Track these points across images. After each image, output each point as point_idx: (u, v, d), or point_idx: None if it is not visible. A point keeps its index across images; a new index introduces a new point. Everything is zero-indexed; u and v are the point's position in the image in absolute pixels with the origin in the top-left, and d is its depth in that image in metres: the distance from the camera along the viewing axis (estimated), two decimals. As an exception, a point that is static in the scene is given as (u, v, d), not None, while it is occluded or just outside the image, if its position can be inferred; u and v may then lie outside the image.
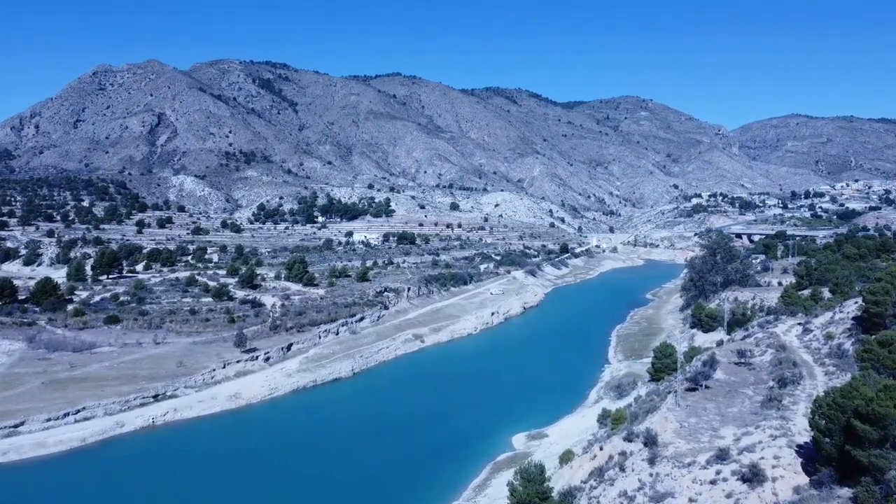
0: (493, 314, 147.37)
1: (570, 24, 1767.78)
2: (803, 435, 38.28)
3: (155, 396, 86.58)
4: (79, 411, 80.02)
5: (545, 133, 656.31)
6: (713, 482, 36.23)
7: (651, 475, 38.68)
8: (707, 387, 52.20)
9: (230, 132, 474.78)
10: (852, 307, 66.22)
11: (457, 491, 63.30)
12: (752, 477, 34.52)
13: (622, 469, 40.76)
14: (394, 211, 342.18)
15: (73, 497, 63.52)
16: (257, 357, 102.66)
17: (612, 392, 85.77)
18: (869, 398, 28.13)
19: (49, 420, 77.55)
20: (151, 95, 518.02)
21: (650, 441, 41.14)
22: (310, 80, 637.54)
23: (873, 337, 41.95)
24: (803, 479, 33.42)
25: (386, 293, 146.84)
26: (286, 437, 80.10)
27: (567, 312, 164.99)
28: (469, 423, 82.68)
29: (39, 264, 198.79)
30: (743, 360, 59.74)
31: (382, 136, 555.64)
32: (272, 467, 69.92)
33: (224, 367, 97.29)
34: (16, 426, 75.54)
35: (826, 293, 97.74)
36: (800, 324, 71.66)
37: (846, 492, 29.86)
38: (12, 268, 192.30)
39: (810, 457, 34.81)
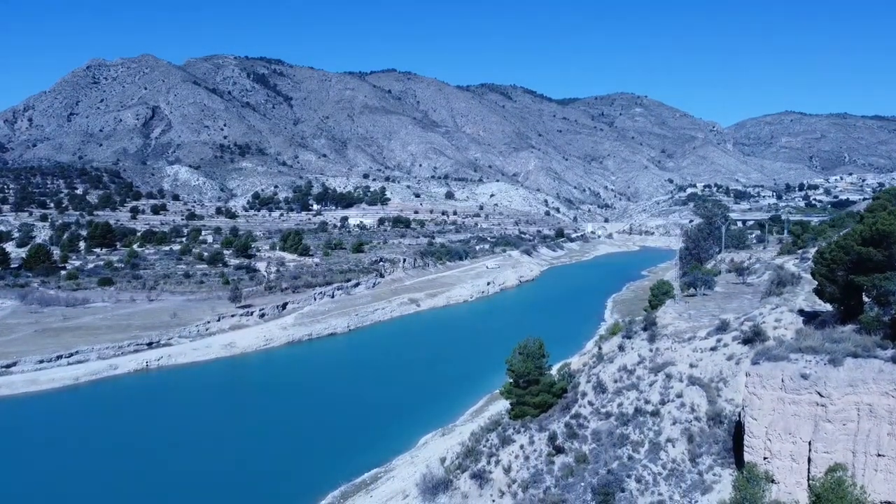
0: (488, 284, 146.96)
1: (566, 21, 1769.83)
2: (805, 308, 38.00)
3: (149, 344, 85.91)
4: (72, 354, 79.36)
5: (540, 128, 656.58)
6: (714, 349, 35.88)
7: (651, 350, 38.32)
8: (706, 294, 51.95)
9: (225, 125, 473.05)
10: (850, 234, 66.05)
11: (455, 416, 63.08)
12: (754, 336, 34.13)
13: (622, 349, 40.39)
14: (389, 199, 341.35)
15: (66, 424, 62.88)
16: (252, 313, 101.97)
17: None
18: (873, 222, 27.81)
19: (42, 361, 76.89)
20: (146, 89, 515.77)
21: (650, 324, 40.78)
22: (305, 76, 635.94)
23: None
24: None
25: (382, 263, 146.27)
26: (284, 379, 79.80)
27: (563, 285, 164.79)
28: (467, 367, 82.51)
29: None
30: (741, 280, 59.55)
31: (377, 131, 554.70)
32: (271, 404, 69.51)
33: (219, 319, 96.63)
34: (8, 366, 74.85)
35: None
36: (796, 256, 71.57)
37: (849, 328, 29.50)
38: (6, 249, 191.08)
39: (812, 316, 34.48)
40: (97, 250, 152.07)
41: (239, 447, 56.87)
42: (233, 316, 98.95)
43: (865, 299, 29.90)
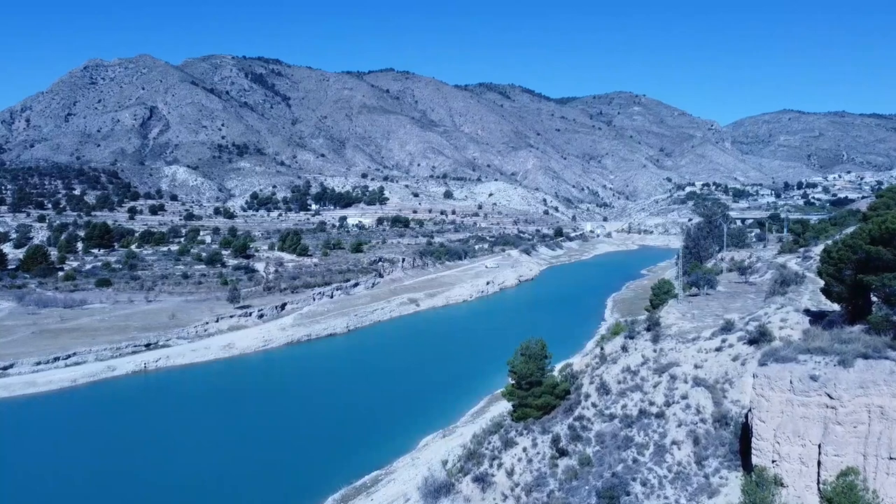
0: (488, 283, 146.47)
1: (564, 20, 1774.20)
2: (811, 308, 37.57)
3: (147, 345, 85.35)
4: (69, 356, 78.81)
5: (538, 128, 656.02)
6: (719, 349, 35.41)
7: (655, 351, 37.85)
8: (708, 293, 51.52)
9: (223, 125, 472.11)
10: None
11: (456, 417, 62.66)
12: (760, 337, 33.67)
13: (625, 350, 39.91)
14: (387, 199, 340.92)
15: (64, 426, 62.37)
16: (251, 313, 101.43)
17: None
18: (882, 220, 27.38)
19: (39, 363, 76.34)
20: (143, 89, 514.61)
21: (653, 324, 40.32)
22: (303, 75, 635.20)
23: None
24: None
25: (381, 263, 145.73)
26: (283, 379, 79.31)
27: (563, 285, 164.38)
28: (467, 367, 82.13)
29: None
30: (744, 279, 59.12)
31: (376, 130, 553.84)
32: (269, 405, 69.00)
33: (217, 321, 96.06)
34: (5, 368, 74.27)
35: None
36: (798, 255, 71.19)
37: (858, 328, 29.06)
38: (3, 249, 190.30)
39: (819, 315, 34.05)
40: (95, 251, 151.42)
41: (238, 449, 56.41)
42: (231, 317, 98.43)
43: (874, 299, 29.48)
